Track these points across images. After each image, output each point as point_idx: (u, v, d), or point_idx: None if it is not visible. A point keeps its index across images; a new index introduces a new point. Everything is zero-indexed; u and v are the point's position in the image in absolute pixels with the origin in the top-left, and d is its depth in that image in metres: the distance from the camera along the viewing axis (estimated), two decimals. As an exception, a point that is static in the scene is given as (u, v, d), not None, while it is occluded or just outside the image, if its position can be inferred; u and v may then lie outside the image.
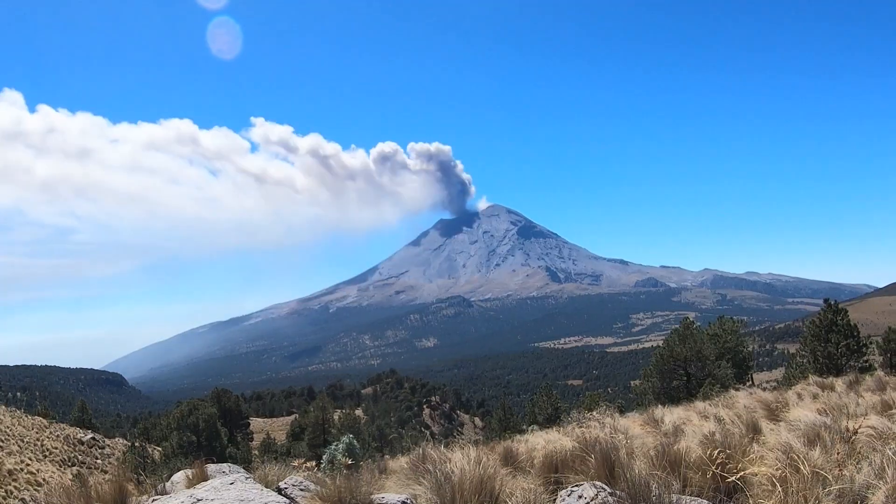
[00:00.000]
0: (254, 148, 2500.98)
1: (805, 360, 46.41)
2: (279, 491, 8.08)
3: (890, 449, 7.15)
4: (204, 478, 8.48)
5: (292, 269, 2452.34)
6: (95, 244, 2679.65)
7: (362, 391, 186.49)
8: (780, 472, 6.48)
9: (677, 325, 51.52)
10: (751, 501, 6.13)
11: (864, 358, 43.79)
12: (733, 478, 7.03)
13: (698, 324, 55.96)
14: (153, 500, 6.29)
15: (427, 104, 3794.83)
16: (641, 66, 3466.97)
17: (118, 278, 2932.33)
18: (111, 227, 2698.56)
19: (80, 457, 70.15)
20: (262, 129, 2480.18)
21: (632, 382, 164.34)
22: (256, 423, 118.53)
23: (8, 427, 69.15)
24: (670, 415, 20.93)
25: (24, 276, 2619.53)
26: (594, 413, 22.08)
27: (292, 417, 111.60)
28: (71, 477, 51.22)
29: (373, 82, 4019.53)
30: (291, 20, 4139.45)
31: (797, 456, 7.73)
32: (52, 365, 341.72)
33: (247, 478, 7.57)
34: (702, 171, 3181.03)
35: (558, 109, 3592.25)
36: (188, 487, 7.40)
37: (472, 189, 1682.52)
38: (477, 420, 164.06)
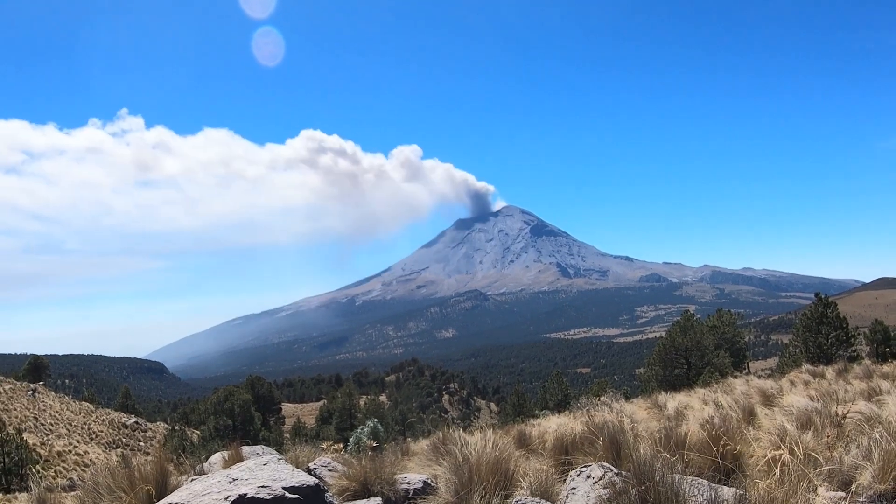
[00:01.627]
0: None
1: (797, 350, 46.40)
2: (309, 471, 8.14)
3: (877, 432, 7.16)
4: (239, 459, 8.56)
5: (322, 264, 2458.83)
6: (139, 244, 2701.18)
7: (386, 378, 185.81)
8: (774, 453, 6.49)
9: (679, 318, 51.45)
10: (747, 481, 6.14)
11: (853, 348, 43.75)
12: (732, 459, 7.06)
13: (698, 316, 55.90)
14: (192, 480, 6.33)
15: (450, 112, 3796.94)
16: (647, 74, 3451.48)
17: (160, 274, 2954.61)
18: (155, 228, 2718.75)
19: (124, 439, 70.41)
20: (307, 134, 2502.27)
21: (637, 370, 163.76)
22: (288, 408, 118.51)
23: (57, 412, 69.59)
24: (673, 400, 20.98)
25: (68, 272, 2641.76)
26: (602, 399, 22.17)
27: (321, 403, 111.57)
28: (116, 458, 51.34)
29: (400, 92, 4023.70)
30: (328, 33, 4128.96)
31: (790, 439, 7.82)
32: (98, 354, 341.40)
33: (279, 459, 7.61)
34: (702, 173, 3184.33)
35: (569, 115, 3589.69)
36: (225, 468, 7.46)
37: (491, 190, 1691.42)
38: (492, 405, 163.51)
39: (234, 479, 5.29)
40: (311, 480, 5.30)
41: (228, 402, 67.29)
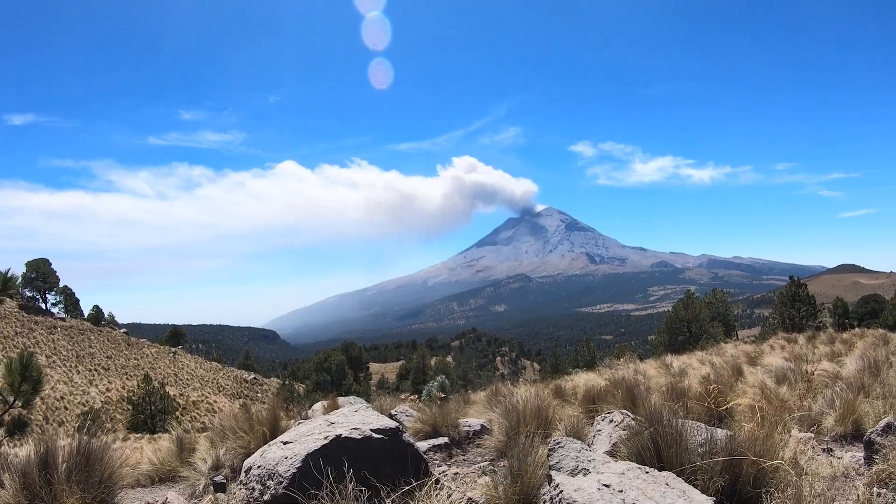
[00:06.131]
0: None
1: (776, 321, 46.91)
2: (391, 416, 8.33)
3: (838, 386, 7.61)
4: (335, 407, 8.88)
5: (402, 253, 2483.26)
6: (264, 238, 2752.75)
7: (451, 344, 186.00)
8: (757, 402, 6.57)
9: (682, 296, 51.22)
10: (735, 425, 6.17)
11: (819, 320, 44.61)
12: (723, 407, 7.12)
13: (697, 295, 55.36)
14: (298, 423, 6.48)
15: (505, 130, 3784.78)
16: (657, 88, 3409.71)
17: (277, 261, 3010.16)
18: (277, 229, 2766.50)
19: (245, 391, 71.81)
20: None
21: (649, 337, 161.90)
22: (374, 367, 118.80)
23: (192, 370, 71.41)
24: (677, 361, 21.09)
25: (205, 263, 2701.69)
26: (621, 360, 22.22)
27: (400, 363, 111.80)
28: (238, 406, 52.41)
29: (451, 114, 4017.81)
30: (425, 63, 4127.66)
31: (770, 391, 8.09)
32: (225, 324, 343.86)
33: (367, 407, 7.81)
34: (701, 176, 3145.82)
35: (594, 124, 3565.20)
36: (324, 414, 7.67)
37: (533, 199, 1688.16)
38: (535, 365, 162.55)
39: (331, 423, 5.42)
40: (393, 424, 5.39)
41: (327, 362, 68.36)
